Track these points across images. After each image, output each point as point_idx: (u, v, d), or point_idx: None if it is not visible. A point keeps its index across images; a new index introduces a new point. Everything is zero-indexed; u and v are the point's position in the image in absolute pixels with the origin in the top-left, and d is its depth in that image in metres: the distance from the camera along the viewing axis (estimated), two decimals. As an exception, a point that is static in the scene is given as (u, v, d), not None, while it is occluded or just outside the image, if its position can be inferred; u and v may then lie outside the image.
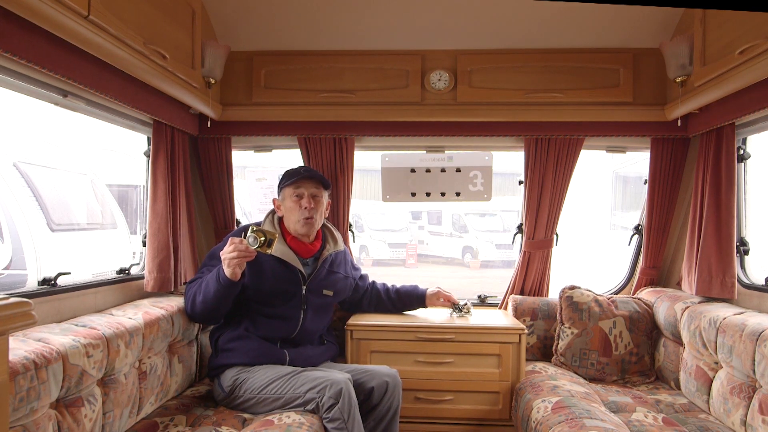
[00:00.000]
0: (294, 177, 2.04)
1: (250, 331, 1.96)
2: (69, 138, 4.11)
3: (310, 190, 2.03)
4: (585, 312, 2.30)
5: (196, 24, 2.06)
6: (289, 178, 2.05)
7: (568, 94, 2.38)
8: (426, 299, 2.40)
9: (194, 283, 1.98)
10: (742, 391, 1.70)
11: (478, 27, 2.34)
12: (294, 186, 2.04)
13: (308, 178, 2.05)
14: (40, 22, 1.30)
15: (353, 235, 2.73)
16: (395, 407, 1.95)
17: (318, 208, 2.04)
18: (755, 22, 1.62)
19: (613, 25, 2.30)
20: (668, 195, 2.50)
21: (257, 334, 1.96)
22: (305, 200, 2.01)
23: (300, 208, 2.00)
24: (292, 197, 2.03)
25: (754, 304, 2.02)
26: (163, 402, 1.87)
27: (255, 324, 1.98)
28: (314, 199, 2.03)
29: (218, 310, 1.92)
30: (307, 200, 2.01)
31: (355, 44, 2.43)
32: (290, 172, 2.09)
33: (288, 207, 2.04)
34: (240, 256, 1.75)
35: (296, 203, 2.02)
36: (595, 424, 1.60)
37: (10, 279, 3.01)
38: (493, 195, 2.68)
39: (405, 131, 2.51)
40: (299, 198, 2.02)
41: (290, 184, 2.04)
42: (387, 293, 2.41)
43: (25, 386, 1.18)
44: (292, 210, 2.02)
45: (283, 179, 2.09)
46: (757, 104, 1.83)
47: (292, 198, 2.02)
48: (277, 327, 1.98)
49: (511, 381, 2.21)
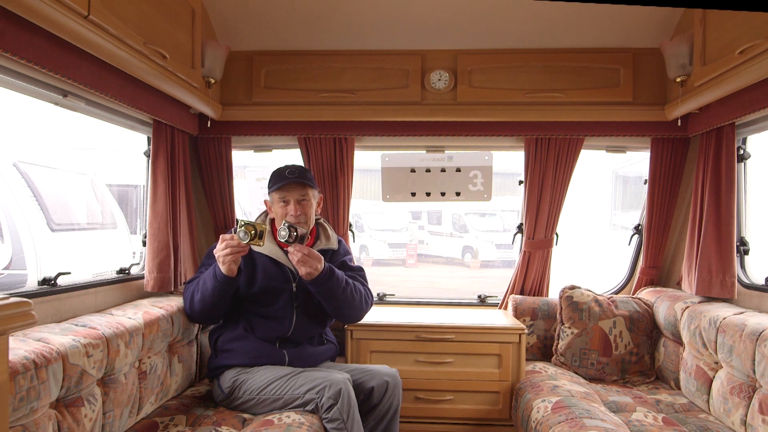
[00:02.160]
0: (279, 182, 1.98)
1: (248, 332, 1.96)
2: (69, 138, 4.11)
3: (295, 196, 1.97)
4: (585, 312, 2.30)
5: (196, 24, 2.06)
6: (274, 183, 2.01)
7: (568, 94, 2.38)
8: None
9: (192, 282, 1.98)
10: (742, 391, 1.70)
11: (478, 27, 2.34)
12: (279, 192, 1.98)
13: (293, 183, 1.98)
14: (40, 21, 1.30)
15: (353, 235, 2.73)
16: (395, 407, 1.95)
17: (306, 211, 1.98)
18: (755, 22, 1.62)
19: (613, 25, 2.30)
20: (668, 195, 2.51)
21: (255, 335, 1.96)
22: (291, 207, 1.97)
23: (287, 214, 1.97)
24: (279, 203, 1.99)
25: (754, 304, 2.02)
26: (163, 402, 1.87)
27: (252, 325, 1.98)
28: (300, 204, 1.98)
29: (217, 309, 1.92)
30: (294, 207, 1.96)
31: (355, 44, 2.43)
32: (276, 174, 2.02)
33: (276, 211, 2.01)
34: (233, 252, 1.76)
35: (283, 209, 1.98)
36: (595, 423, 1.60)
37: (10, 279, 3.02)
38: (493, 195, 2.68)
39: (405, 131, 2.51)
40: (286, 204, 1.98)
41: (276, 190, 1.99)
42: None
43: (25, 386, 1.18)
44: (279, 215, 2.00)
45: (270, 182, 2.05)
46: (757, 104, 1.83)
47: (279, 203, 1.99)
48: (272, 327, 1.98)
49: (511, 381, 2.21)
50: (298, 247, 1.83)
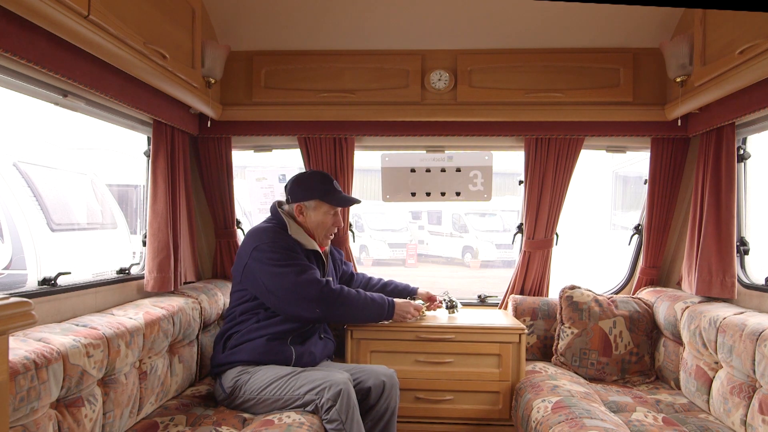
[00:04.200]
0: (337, 196, 2.12)
1: (261, 330, 1.95)
2: (69, 138, 4.10)
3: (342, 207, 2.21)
4: (585, 312, 2.30)
5: (196, 24, 2.06)
6: (329, 194, 2.10)
7: (568, 94, 2.38)
8: (416, 296, 2.47)
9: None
10: (742, 391, 1.70)
11: (478, 27, 2.34)
12: (336, 205, 2.13)
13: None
14: (40, 21, 1.30)
15: (353, 235, 2.73)
16: (393, 407, 1.95)
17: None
18: (755, 22, 1.62)
19: (613, 25, 2.30)
20: (668, 195, 2.51)
21: (269, 332, 1.95)
22: (340, 218, 2.18)
23: (333, 225, 2.14)
24: (329, 213, 2.11)
25: (754, 304, 2.02)
26: (164, 402, 1.87)
27: (267, 321, 1.97)
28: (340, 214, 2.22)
29: (344, 317, 2.12)
30: (341, 218, 2.21)
31: (355, 44, 2.43)
32: (330, 187, 2.12)
33: (319, 219, 2.10)
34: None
35: (332, 218, 2.13)
36: (595, 423, 1.60)
37: (10, 279, 3.01)
38: (493, 195, 2.68)
39: (405, 131, 2.51)
40: (335, 216, 2.15)
41: (332, 202, 2.11)
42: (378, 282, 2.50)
43: (25, 386, 1.18)
44: (322, 223, 2.11)
45: (319, 192, 2.10)
46: (757, 104, 1.83)
47: (329, 213, 2.11)
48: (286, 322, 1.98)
49: (511, 381, 2.21)
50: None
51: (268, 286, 1.92)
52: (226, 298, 2.34)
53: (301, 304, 1.91)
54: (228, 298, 2.24)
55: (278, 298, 1.92)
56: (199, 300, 2.15)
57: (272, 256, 1.93)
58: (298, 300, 1.91)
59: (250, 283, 1.97)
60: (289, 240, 2.01)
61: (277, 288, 1.91)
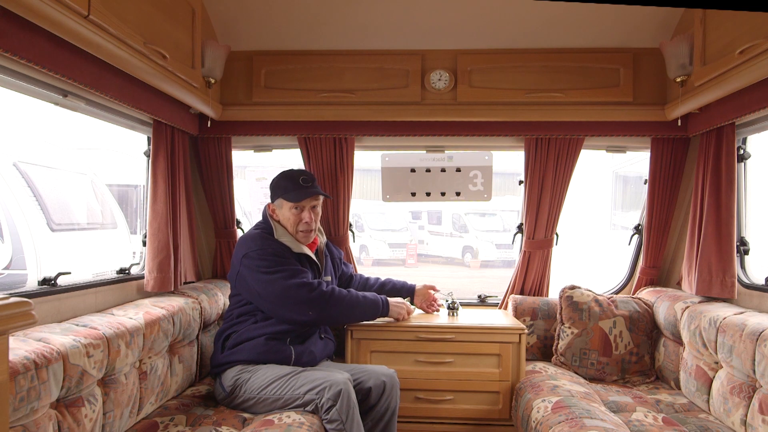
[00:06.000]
0: (295, 191, 2.02)
1: (260, 330, 1.96)
2: (69, 138, 4.11)
3: (310, 203, 2.06)
4: (585, 312, 2.30)
5: (196, 24, 2.06)
6: (288, 190, 2.03)
7: (568, 94, 2.38)
8: (414, 294, 2.46)
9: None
10: (742, 391, 1.70)
11: (478, 27, 2.34)
12: (295, 200, 2.03)
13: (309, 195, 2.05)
14: (41, 21, 1.30)
15: (353, 235, 2.73)
16: (393, 408, 1.95)
17: (317, 217, 2.10)
18: (755, 22, 1.62)
19: (613, 25, 2.30)
20: (668, 195, 2.50)
21: (267, 331, 1.95)
22: (306, 214, 2.05)
23: (300, 221, 2.05)
24: (291, 210, 2.04)
25: (754, 304, 2.02)
26: (163, 402, 1.87)
27: (267, 322, 1.97)
28: (313, 210, 2.07)
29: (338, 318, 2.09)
30: (308, 214, 2.05)
31: (355, 44, 2.43)
32: (289, 180, 2.05)
33: (287, 217, 2.05)
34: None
35: (296, 216, 2.04)
36: (595, 423, 1.60)
37: (10, 279, 3.01)
38: (493, 195, 2.68)
39: (405, 131, 2.51)
40: (299, 211, 2.05)
41: (290, 198, 2.03)
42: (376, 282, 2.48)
43: (25, 386, 1.18)
44: (290, 220, 2.05)
45: (280, 188, 2.06)
46: (757, 104, 1.83)
47: (291, 210, 2.04)
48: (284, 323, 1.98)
49: (511, 381, 2.21)
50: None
51: (259, 292, 1.93)
52: (226, 298, 2.34)
53: (293, 308, 1.92)
54: (228, 298, 2.24)
55: (271, 304, 1.94)
56: (199, 300, 2.15)
57: (261, 264, 1.94)
58: (290, 304, 1.92)
59: (244, 289, 2.00)
60: (276, 245, 2.00)
61: (268, 294, 1.92)
